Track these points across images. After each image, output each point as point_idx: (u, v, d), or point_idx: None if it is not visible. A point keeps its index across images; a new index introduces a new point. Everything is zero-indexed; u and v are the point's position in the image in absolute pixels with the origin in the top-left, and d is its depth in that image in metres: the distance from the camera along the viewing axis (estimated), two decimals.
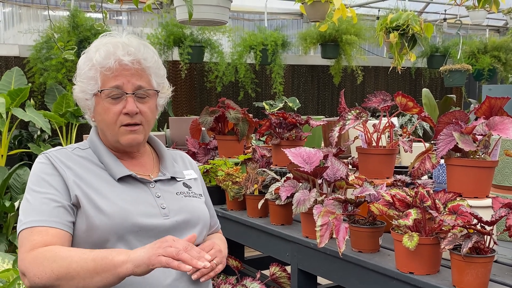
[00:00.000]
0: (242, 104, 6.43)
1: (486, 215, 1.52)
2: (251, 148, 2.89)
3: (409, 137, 2.05)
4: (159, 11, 5.76)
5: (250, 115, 2.88)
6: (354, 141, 2.25)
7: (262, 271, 2.45)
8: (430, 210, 1.54)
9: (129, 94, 1.40)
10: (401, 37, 3.72)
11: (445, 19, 7.40)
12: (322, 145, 3.17)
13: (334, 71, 6.99)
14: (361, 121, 2.02)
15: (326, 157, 1.99)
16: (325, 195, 1.88)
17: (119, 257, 1.24)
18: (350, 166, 2.31)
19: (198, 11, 2.89)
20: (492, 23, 8.84)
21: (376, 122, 2.11)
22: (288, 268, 2.27)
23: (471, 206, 1.59)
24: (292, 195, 1.96)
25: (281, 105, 6.17)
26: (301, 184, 1.99)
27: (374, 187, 1.79)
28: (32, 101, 5.15)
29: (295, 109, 6.26)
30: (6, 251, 3.75)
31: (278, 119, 2.54)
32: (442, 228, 1.50)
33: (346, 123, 2.04)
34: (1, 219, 4.06)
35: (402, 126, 4.94)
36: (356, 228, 1.78)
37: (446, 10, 7.16)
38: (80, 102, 1.48)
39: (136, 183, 1.45)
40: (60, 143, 5.10)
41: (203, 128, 2.97)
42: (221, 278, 2.51)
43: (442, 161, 1.89)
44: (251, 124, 2.87)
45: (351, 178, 1.93)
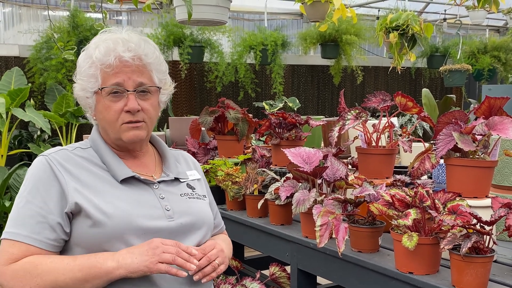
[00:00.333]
0: (242, 104, 6.43)
1: (486, 215, 1.52)
2: (251, 148, 2.89)
3: (408, 137, 2.05)
4: (159, 11, 5.76)
5: (250, 115, 2.88)
6: (353, 141, 2.25)
7: (261, 271, 2.45)
8: (429, 210, 1.54)
9: (130, 91, 1.37)
10: (401, 37, 3.72)
11: (445, 19, 7.40)
12: (322, 145, 3.17)
13: (334, 71, 6.99)
14: (360, 121, 2.02)
15: (325, 157, 1.99)
16: (324, 195, 1.88)
17: (108, 263, 1.25)
18: (350, 166, 2.31)
19: (198, 11, 2.89)
20: (492, 23, 8.85)
21: (375, 122, 2.12)
22: (287, 268, 2.27)
23: (471, 206, 1.59)
24: (291, 195, 1.96)
25: (281, 105, 6.17)
26: (300, 184, 1.99)
27: (373, 187, 1.79)
28: (32, 101, 5.16)
29: (295, 109, 6.27)
30: None
31: (278, 119, 2.54)
32: (442, 228, 1.50)
33: (346, 123, 2.04)
34: (1, 219, 4.06)
35: (402, 126, 4.94)
36: (355, 228, 1.78)
37: (446, 10, 7.16)
38: (80, 101, 1.45)
39: (139, 184, 1.41)
40: (60, 143, 5.10)
41: (203, 128, 2.97)
42: (221, 278, 2.51)
43: (442, 161, 1.89)
44: (251, 124, 2.87)
45: (351, 178, 1.93)
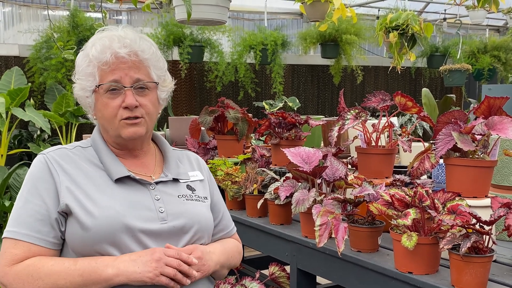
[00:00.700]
0: (242, 103, 6.43)
1: (485, 215, 1.52)
2: (251, 147, 2.89)
3: (408, 136, 2.05)
4: (159, 11, 5.76)
5: (250, 115, 2.88)
6: (353, 140, 2.25)
7: (261, 271, 2.44)
8: (429, 210, 1.54)
9: (127, 88, 1.37)
10: (400, 36, 3.72)
11: (445, 19, 7.40)
12: (322, 145, 3.17)
13: (334, 71, 6.99)
14: (360, 120, 2.02)
15: (325, 156, 1.99)
16: (324, 195, 1.87)
17: (108, 270, 1.26)
18: (349, 166, 2.31)
19: (197, 11, 2.89)
20: (492, 23, 8.84)
21: (375, 121, 2.12)
22: (287, 267, 2.27)
23: (470, 206, 1.59)
24: (291, 195, 1.96)
25: (281, 104, 6.17)
26: (300, 183, 1.99)
27: (373, 187, 1.79)
28: (32, 100, 5.15)
29: (295, 109, 6.26)
30: None
31: (278, 119, 2.54)
32: (441, 227, 1.50)
33: (345, 123, 2.04)
34: (1, 219, 4.06)
35: (401, 126, 4.94)
36: (355, 227, 1.78)
37: (446, 10, 7.16)
38: (81, 101, 1.45)
39: (134, 185, 1.40)
40: (59, 143, 5.10)
41: (203, 127, 2.97)
42: None
43: (441, 160, 1.89)
44: (251, 123, 2.86)
45: (350, 177, 1.93)
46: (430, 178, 2.39)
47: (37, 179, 1.36)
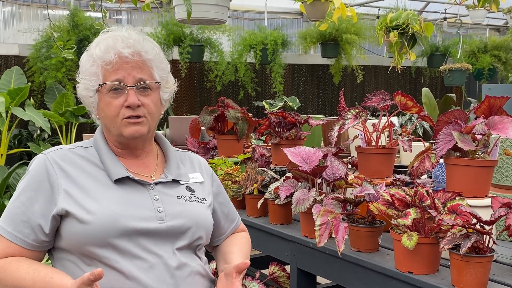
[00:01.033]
0: (242, 103, 6.43)
1: (486, 215, 1.52)
2: (251, 147, 2.89)
3: (408, 136, 2.05)
4: (159, 10, 5.76)
5: (250, 114, 2.88)
6: (353, 140, 2.25)
7: (261, 271, 2.44)
8: (429, 210, 1.54)
9: (130, 87, 1.38)
10: (401, 36, 3.72)
11: (445, 18, 7.40)
12: (322, 144, 3.17)
13: (334, 70, 6.99)
14: (360, 120, 2.02)
15: (325, 156, 1.98)
16: (324, 195, 1.87)
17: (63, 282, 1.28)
18: (350, 166, 2.31)
19: (197, 10, 2.88)
20: (492, 22, 8.85)
21: (375, 121, 2.11)
22: (287, 267, 2.27)
23: (470, 206, 1.59)
24: (291, 195, 1.96)
25: (281, 104, 6.17)
26: (300, 183, 1.98)
27: (373, 187, 1.79)
28: (31, 100, 5.16)
29: (295, 108, 6.26)
30: None
31: (278, 119, 2.54)
32: (441, 227, 1.50)
33: (346, 123, 2.03)
34: None
35: (401, 126, 4.94)
36: (355, 227, 1.78)
37: (446, 9, 7.16)
38: (84, 101, 1.46)
39: (133, 185, 1.41)
40: (59, 142, 5.10)
41: (203, 127, 2.96)
42: None
43: (442, 160, 1.89)
44: (251, 123, 2.86)
45: (351, 177, 1.93)
46: (430, 177, 2.39)
47: (31, 180, 1.37)
